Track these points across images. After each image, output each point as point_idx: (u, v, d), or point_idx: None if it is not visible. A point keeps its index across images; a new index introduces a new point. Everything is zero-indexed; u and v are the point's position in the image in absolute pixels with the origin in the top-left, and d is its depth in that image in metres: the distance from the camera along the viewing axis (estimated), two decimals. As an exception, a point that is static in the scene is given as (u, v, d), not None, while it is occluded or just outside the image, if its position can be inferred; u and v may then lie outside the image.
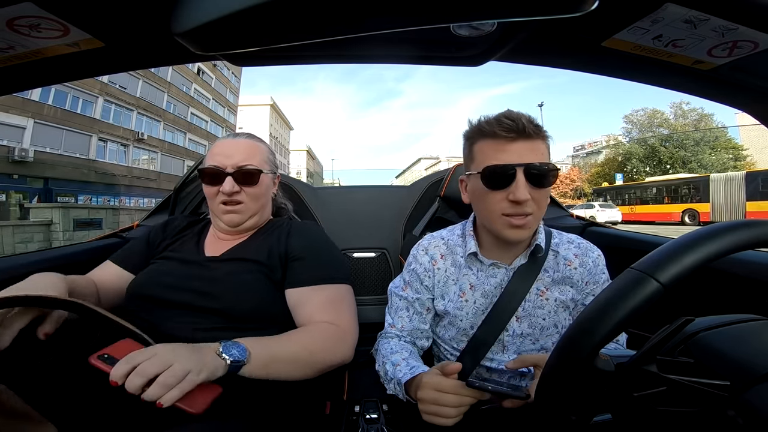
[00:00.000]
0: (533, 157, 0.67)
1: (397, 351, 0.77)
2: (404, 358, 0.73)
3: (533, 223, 0.70)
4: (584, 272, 0.77)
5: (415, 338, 0.82)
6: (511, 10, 0.35)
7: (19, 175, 13.85)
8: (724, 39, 0.55)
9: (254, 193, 0.85)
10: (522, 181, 0.66)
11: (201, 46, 0.38)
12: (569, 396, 0.43)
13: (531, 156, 0.67)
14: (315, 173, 60.72)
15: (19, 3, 0.47)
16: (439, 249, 0.82)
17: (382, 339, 0.83)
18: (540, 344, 0.76)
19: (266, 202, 0.91)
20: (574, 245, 0.80)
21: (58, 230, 8.42)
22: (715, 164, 22.78)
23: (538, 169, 0.67)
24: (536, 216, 0.70)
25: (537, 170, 0.67)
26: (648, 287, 0.36)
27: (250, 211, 0.85)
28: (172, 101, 21.25)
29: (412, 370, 0.68)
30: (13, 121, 13.40)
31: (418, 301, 0.81)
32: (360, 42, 0.74)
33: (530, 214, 0.68)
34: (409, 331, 0.81)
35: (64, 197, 14.69)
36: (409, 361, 0.72)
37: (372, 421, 0.77)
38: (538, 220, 0.72)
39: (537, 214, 0.70)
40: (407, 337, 0.81)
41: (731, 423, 0.34)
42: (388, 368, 0.73)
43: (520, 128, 0.66)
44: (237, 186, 0.82)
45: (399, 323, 0.82)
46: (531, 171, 0.67)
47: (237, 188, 0.82)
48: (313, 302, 0.78)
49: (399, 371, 0.70)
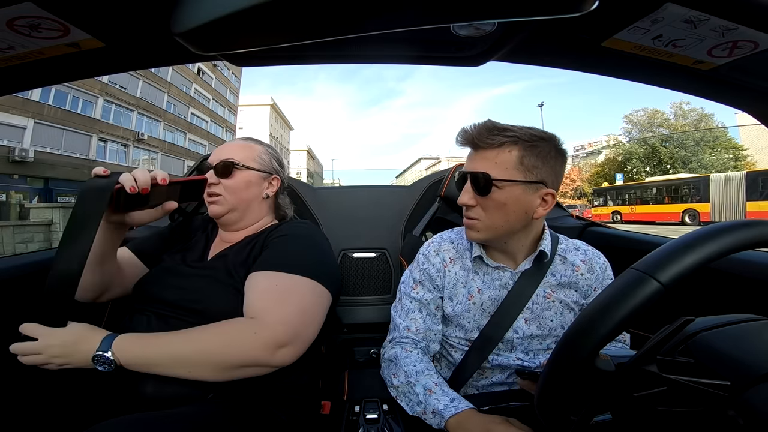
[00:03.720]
0: (480, 166, 0.71)
1: (423, 371, 0.74)
2: (436, 383, 0.71)
3: (481, 228, 0.73)
4: (592, 278, 0.78)
5: (429, 341, 0.80)
6: (511, 10, 0.35)
7: (19, 175, 13.85)
8: (724, 39, 0.55)
9: (229, 186, 0.86)
10: (467, 187, 0.73)
11: (201, 46, 0.38)
12: (569, 396, 0.43)
13: (478, 165, 0.71)
14: (315, 173, 60.73)
15: (19, 3, 0.47)
16: (449, 252, 0.83)
17: (396, 347, 0.80)
18: (546, 344, 0.78)
19: (250, 200, 0.89)
20: (581, 252, 0.81)
21: (58, 230, 8.41)
22: (715, 164, 22.76)
23: (476, 177, 0.71)
24: (484, 222, 0.72)
25: (476, 178, 0.71)
26: (648, 287, 0.36)
27: (228, 203, 0.86)
28: (173, 101, 21.25)
29: (453, 402, 0.66)
30: (14, 121, 13.39)
31: (432, 302, 0.81)
32: (360, 42, 0.74)
33: (475, 219, 0.73)
34: (423, 333, 0.80)
35: (64, 197, 14.67)
36: (444, 390, 0.70)
37: (372, 421, 0.77)
38: (488, 227, 0.73)
39: (485, 221, 0.72)
40: (422, 342, 0.80)
41: (731, 423, 0.34)
42: (418, 391, 0.70)
43: (469, 139, 0.72)
44: (216, 178, 0.86)
45: (413, 325, 0.80)
46: (473, 178, 0.72)
47: (215, 180, 0.86)
48: (255, 288, 0.71)
49: (436, 401, 0.67)
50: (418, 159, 68.60)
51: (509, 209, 0.70)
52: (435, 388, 0.70)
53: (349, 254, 1.30)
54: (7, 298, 0.87)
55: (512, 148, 0.69)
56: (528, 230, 0.76)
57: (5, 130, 13.16)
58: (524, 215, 0.71)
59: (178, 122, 21.85)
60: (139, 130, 18.75)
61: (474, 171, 0.71)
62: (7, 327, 0.87)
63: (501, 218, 0.72)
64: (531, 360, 0.77)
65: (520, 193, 0.70)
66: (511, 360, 0.77)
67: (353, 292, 1.28)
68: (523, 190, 0.70)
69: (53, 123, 14.63)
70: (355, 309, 1.26)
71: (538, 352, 0.78)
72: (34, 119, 13.98)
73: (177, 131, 21.93)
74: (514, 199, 0.70)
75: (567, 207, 1.49)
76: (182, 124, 22.30)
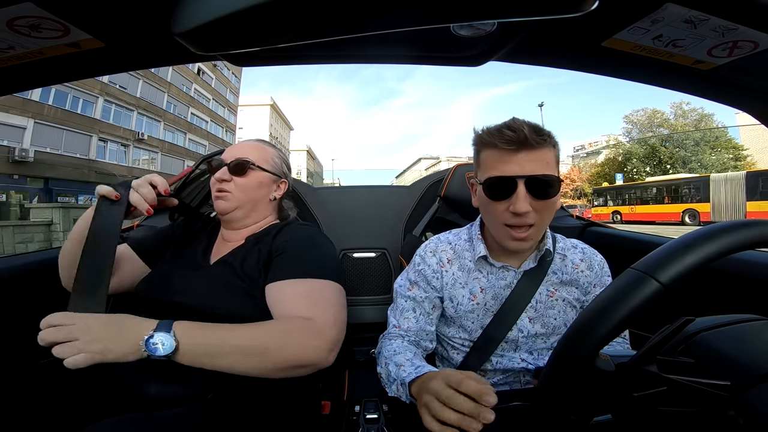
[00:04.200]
0: (535, 167, 0.66)
1: (401, 352, 0.73)
2: (408, 359, 0.70)
3: (535, 235, 0.70)
4: (591, 275, 0.79)
5: (420, 339, 0.80)
6: (511, 10, 0.35)
7: (19, 175, 13.85)
8: (724, 39, 0.54)
9: (241, 184, 0.87)
10: (522, 192, 0.65)
11: (201, 46, 0.38)
12: (569, 396, 0.43)
13: (533, 167, 0.66)
14: (315, 173, 60.70)
15: (19, 3, 0.47)
16: (446, 253, 0.82)
17: (384, 340, 0.81)
18: (550, 342, 0.78)
19: (258, 200, 0.90)
20: (578, 250, 0.81)
21: (58, 230, 8.41)
22: (715, 164, 22.75)
23: (540, 180, 0.65)
24: (539, 226, 0.69)
25: (539, 181, 0.65)
26: (648, 287, 0.36)
27: (237, 201, 0.87)
28: (173, 101, 21.24)
29: (417, 369, 0.64)
30: (14, 121, 13.39)
31: (426, 300, 0.80)
32: (360, 42, 0.74)
33: (532, 225, 0.68)
34: (415, 332, 0.79)
35: (64, 197, 14.68)
36: (413, 361, 0.69)
37: (372, 421, 0.77)
38: (541, 231, 0.72)
39: (540, 224, 0.69)
40: (412, 338, 0.80)
41: (731, 423, 0.34)
42: (391, 369, 0.69)
43: (522, 139, 0.65)
44: (228, 175, 0.87)
45: (405, 324, 0.80)
46: (533, 182, 0.65)
47: (228, 177, 0.87)
48: (287, 297, 0.72)
49: (403, 371, 0.66)
50: (418, 159, 68.58)
51: (554, 210, 0.70)
52: (405, 362, 0.68)
53: (349, 254, 1.30)
54: (7, 298, 0.87)
55: (552, 148, 0.69)
56: None
57: (5, 130, 13.15)
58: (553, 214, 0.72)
59: (178, 122, 21.84)
60: (139, 130, 18.74)
61: (533, 174, 0.65)
62: (7, 327, 0.87)
63: (549, 221, 0.71)
64: (535, 360, 0.77)
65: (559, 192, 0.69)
66: (515, 361, 0.77)
67: (353, 292, 1.27)
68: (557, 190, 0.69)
69: (53, 123, 14.62)
70: (355, 309, 1.25)
71: (543, 351, 0.78)
72: (34, 119, 13.98)
73: (177, 131, 21.92)
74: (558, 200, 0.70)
75: (567, 207, 1.49)
76: (182, 124, 22.29)
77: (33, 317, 0.63)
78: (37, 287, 0.92)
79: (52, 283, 0.81)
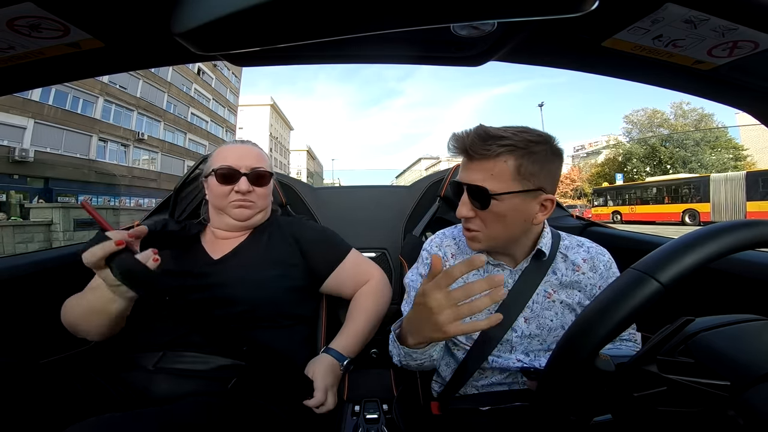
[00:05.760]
0: (476, 177, 0.67)
1: None
2: None
3: (482, 239, 0.72)
4: (595, 276, 0.77)
5: None
6: (511, 10, 0.35)
7: (19, 175, 13.86)
8: (724, 39, 0.54)
9: (264, 193, 0.96)
10: (464, 199, 0.69)
11: (201, 46, 0.38)
12: (569, 396, 0.43)
13: (475, 177, 0.68)
14: (315, 173, 60.72)
15: (19, 3, 0.47)
16: (450, 248, 0.83)
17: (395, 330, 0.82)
18: (547, 344, 0.77)
19: (270, 202, 1.01)
20: (584, 249, 0.80)
21: (58, 230, 8.42)
22: (715, 164, 22.77)
23: (474, 192, 0.68)
24: (485, 233, 0.71)
25: (474, 191, 0.68)
26: (648, 287, 0.36)
27: (258, 207, 0.95)
28: (173, 101, 21.26)
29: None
30: (14, 121, 13.40)
31: None
32: (360, 42, 0.74)
33: (476, 230, 0.71)
34: None
35: (64, 197, 14.68)
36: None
37: (372, 421, 0.77)
38: (489, 238, 0.71)
39: (485, 232, 0.70)
40: None
41: (731, 423, 0.34)
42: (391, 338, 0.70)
43: (462, 148, 0.68)
44: (250, 186, 0.92)
45: None
46: (471, 190, 0.68)
47: (250, 188, 0.92)
48: (348, 277, 0.99)
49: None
50: (418, 159, 68.62)
51: (509, 220, 0.69)
52: None
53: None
54: (7, 298, 0.87)
55: (508, 158, 0.66)
56: (528, 234, 0.75)
57: (5, 130, 13.17)
58: (524, 223, 0.70)
59: (178, 122, 21.86)
60: (139, 130, 18.76)
61: (470, 183, 0.68)
62: (6, 327, 0.87)
63: (501, 229, 0.70)
64: (531, 362, 0.76)
65: (519, 202, 0.68)
66: (511, 362, 0.76)
67: None
68: (522, 200, 0.68)
69: (53, 123, 14.64)
70: None
71: (539, 353, 0.77)
72: (34, 119, 13.99)
73: (177, 131, 21.93)
74: (513, 210, 0.68)
75: (567, 207, 1.49)
76: (182, 124, 22.31)
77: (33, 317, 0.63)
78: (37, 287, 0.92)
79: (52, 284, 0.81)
